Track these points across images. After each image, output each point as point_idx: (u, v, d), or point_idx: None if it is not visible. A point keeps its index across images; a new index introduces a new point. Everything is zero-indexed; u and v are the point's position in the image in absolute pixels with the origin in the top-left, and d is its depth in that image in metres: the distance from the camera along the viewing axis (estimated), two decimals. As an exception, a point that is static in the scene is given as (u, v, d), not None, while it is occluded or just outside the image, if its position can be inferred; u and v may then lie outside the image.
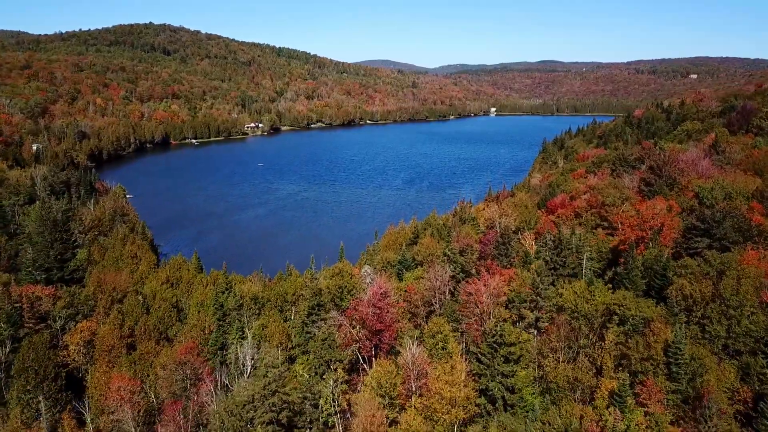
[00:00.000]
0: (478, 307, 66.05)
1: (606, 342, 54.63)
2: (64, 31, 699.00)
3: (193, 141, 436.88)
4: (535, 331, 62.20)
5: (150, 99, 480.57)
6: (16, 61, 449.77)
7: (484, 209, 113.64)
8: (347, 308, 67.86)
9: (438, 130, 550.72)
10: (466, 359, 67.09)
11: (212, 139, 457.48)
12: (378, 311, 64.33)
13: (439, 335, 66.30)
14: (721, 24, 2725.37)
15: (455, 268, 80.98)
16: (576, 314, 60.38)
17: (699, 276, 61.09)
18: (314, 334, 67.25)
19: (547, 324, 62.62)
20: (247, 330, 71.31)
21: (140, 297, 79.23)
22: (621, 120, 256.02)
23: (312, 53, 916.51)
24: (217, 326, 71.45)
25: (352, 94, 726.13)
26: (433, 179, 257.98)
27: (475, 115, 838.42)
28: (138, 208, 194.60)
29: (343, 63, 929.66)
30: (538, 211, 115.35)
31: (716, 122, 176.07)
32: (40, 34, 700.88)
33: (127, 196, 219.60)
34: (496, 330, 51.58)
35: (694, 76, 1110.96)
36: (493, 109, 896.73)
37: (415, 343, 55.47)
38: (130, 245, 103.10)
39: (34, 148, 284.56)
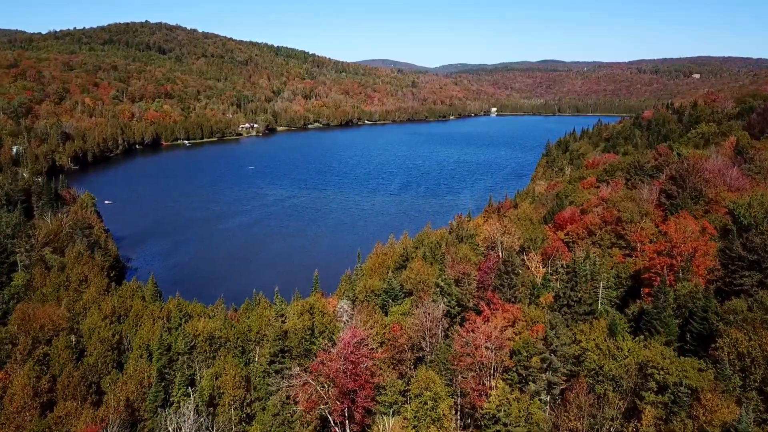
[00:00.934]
0: (475, 358, 53.35)
1: (643, 422, 41.79)
2: (58, 30, 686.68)
3: (185, 142, 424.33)
4: (548, 398, 49.37)
5: (142, 99, 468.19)
6: (4, 59, 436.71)
7: (484, 224, 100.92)
8: (315, 360, 55.01)
9: (437, 131, 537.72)
10: (460, 426, 54.40)
11: (205, 140, 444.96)
12: (351, 366, 51.72)
13: (428, 393, 53.69)
14: (723, 24, 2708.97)
15: (449, 302, 68.22)
16: (600, 376, 47.65)
17: (757, 325, 48.25)
18: (275, 389, 54.50)
19: (563, 384, 49.99)
20: (197, 381, 58.52)
21: (73, 337, 66.69)
22: (629, 121, 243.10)
23: (311, 52, 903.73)
24: (159, 377, 58.61)
25: (350, 93, 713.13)
26: (430, 184, 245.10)
27: (476, 115, 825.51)
28: (114, 216, 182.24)
29: (342, 62, 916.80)
30: (545, 227, 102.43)
31: (734, 125, 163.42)
32: (33, 33, 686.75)
33: (105, 202, 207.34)
34: (497, 415, 38.72)
35: (697, 75, 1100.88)
36: (493, 109, 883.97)
37: (391, 421, 42.64)
38: (82, 266, 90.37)
39: (14, 150, 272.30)
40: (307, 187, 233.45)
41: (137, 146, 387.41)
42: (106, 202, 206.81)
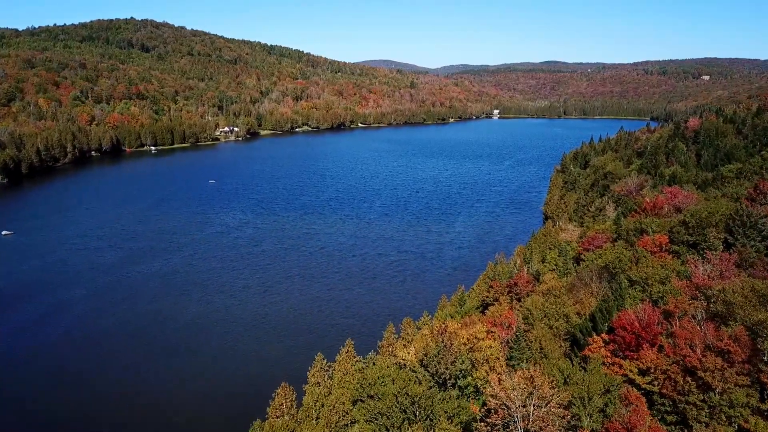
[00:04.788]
0: None
1: None
2: (36, 26, 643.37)
3: (152, 149, 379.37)
4: None
5: (110, 100, 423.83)
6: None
7: (485, 338, 55.82)
8: None
9: (433, 137, 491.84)
10: None
11: (176, 146, 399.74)
12: None
13: None
14: (728, 25, 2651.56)
15: None
16: None
17: None
18: None
19: None
20: None
21: None
22: (667, 130, 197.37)
23: (306, 51, 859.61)
24: None
25: (344, 94, 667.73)
26: (419, 207, 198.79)
27: (477, 117, 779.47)
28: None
29: (338, 62, 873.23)
30: (596, 339, 56.94)
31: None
32: (6, 29, 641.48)
33: (2, 233, 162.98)
34: None
35: (707, 77, 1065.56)
36: (496, 111, 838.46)
37: None
38: None
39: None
40: (264, 212, 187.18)
41: (93, 153, 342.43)
42: (3, 233, 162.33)
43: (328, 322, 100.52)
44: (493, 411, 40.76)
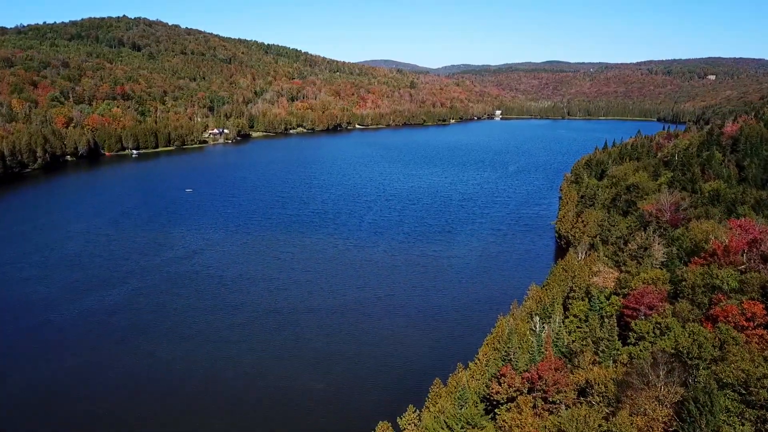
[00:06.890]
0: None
1: None
2: (25, 24, 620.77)
3: (133, 152, 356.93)
4: None
5: (93, 100, 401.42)
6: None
7: None
8: None
9: (432, 140, 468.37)
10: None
11: (160, 149, 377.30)
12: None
13: None
14: (731, 25, 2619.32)
15: None
16: None
17: None
18: None
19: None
20: None
21: None
22: (697, 136, 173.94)
23: (303, 50, 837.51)
24: None
25: (341, 95, 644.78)
26: (414, 222, 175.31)
27: (479, 118, 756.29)
28: None
29: (337, 62, 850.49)
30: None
31: None
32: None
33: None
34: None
35: (713, 77, 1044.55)
36: (498, 112, 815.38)
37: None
38: None
39: None
40: (237, 229, 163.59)
41: (69, 158, 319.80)
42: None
43: (285, 394, 77.57)
44: None
